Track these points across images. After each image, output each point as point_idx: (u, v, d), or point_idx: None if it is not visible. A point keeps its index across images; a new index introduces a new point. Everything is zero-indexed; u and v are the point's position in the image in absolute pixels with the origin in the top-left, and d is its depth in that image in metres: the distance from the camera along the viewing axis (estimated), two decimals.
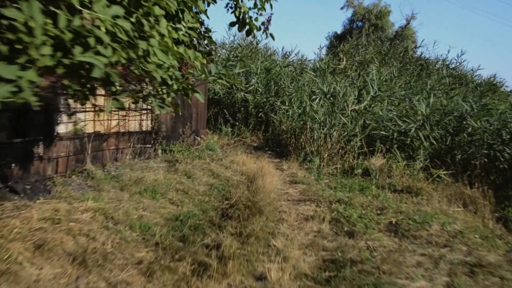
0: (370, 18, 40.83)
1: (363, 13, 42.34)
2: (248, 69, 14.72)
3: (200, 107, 10.50)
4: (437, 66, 19.02)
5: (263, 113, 13.89)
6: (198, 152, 9.06)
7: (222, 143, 12.56)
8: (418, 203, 7.67)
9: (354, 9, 43.08)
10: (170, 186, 6.84)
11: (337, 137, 10.11)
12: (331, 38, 30.76)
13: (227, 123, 14.09)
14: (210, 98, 14.60)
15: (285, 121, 11.98)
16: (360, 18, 42.23)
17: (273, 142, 12.26)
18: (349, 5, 43.44)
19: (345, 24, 42.24)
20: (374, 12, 41.60)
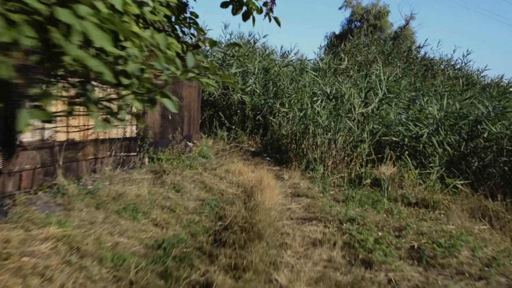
0: (369, 18, 39.95)
1: (361, 13, 41.47)
2: (245, 69, 13.74)
3: (193, 109, 9.51)
4: (442, 67, 18.10)
5: (261, 116, 12.92)
6: (190, 161, 8.06)
7: (217, 149, 11.58)
8: (438, 220, 6.71)
9: (352, 9, 42.18)
10: (154, 203, 5.85)
11: (342, 143, 9.15)
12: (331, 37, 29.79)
13: (223, 126, 13.11)
14: (205, 99, 13.61)
15: (284, 124, 11.01)
16: (358, 18, 41.36)
17: (272, 148, 11.29)
18: (347, 5, 42.53)
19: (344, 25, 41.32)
20: (372, 12, 40.74)
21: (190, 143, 9.43)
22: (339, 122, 9.27)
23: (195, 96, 9.55)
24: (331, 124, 9.51)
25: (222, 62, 14.55)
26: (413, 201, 7.71)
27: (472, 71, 17.96)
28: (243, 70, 13.77)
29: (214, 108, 13.76)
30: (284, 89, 12.88)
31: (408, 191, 8.03)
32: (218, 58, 14.73)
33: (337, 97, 12.11)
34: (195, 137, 9.74)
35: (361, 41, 18.58)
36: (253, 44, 16.61)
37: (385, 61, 16.40)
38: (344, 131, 9.17)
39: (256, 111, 12.95)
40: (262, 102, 12.99)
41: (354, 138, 9.15)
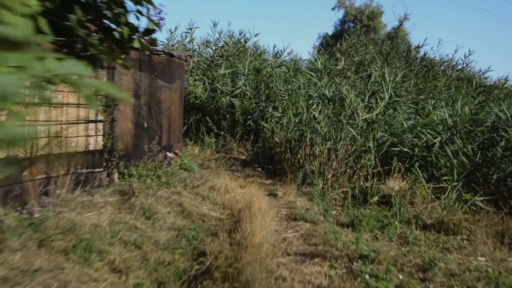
0: (362, 19, 38.96)
1: (354, 14, 40.50)
2: (235, 70, 12.50)
3: (174, 115, 8.25)
4: (442, 68, 16.99)
5: (252, 121, 11.69)
6: (167, 176, 6.80)
7: (203, 158, 10.32)
8: (462, 249, 5.54)
9: (345, 10, 41.21)
10: (116, 236, 4.59)
11: (344, 153, 7.94)
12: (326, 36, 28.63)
13: (211, 132, 11.86)
14: (191, 102, 12.35)
15: (278, 131, 9.78)
16: (351, 19, 40.38)
17: (264, 157, 10.06)
18: (340, 6, 41.54)
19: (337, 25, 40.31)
20: (366, 13, 39.78)
21: (171, 154, 8.18)
22: (340, 130, 8.05)
23: (176, 100, 8.29)
24: (331, 131, 8.30)
25: (210, 63, 13.30)
26: (428, 222, 6.53)
27: (474, 72, 16.86)
28: (232, 71, 12.53)
29: (202, 112, 12.51)
30: (277, 91, 11.66)
31: (422, 209, 6.85)
32: (205, 58, 13.47)
33: (335, 100, 10.94)
34: (176, 147, 8.48)
35: (358, 41, 17.40)
36: (244, 44, 15.37)
37: (384, 61, 15.25)
38: (345, 139, 7.96)
39: (246, 115, 11.72)
40: (253, 105, 11.77)
41: (357, 148, 7.94)
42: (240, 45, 15.35)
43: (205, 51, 14.80)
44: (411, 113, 8.86)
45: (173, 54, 7.96)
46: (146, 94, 7.18)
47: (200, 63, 13.03)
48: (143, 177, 6.45)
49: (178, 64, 8.28)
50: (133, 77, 6.83)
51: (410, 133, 8.00)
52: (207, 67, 13.14)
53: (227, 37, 15.58)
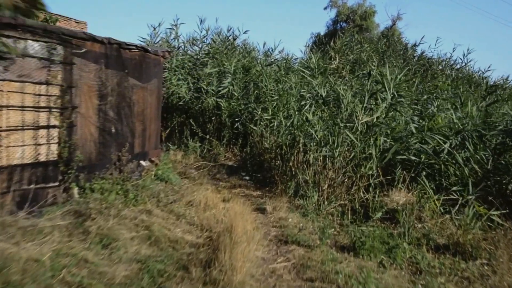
0: (355, 18, 38.22)
1: (347, 13, 39.77)
2: (222, 69, 11.50)
3: (149, 118, 7.23)
4: (440, 67, 16.11)
5: (240, 124, 10.69)
6: (137, 190, 5.76)
7: (186, 165, 9.32)
8: (484, 278, 4.60)
9: (338, 9, 40.44)
10: (57, 276, 3.57)
11: (341, 161, 6.97)
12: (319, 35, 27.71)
13: (195, 136, 10.85)
14: (174, 103, 11.33)
15: (267, 135, 8.80)
16: (344, 18, 39.65)
17: (252, 163, 9.06)
18: (332, 5, 40.75)
19: (329, 25, 39.53)
20: (358, 13, 39.07)
21: (145, 163, 7.16)
22: (337, 134, 7.07)
23: (152, 101, 7.27)
24: (327, 136, 7.32)
25: (196, 61, 12.28)
26: (441, 242, 5.59)
27: (473, 71, 16.00)
28: (219, 70, 11.52)
29: (186, 114, 11.48)
30: (267, 91, 10.67)
31: (432, 226, 5.91)
32: (190, 56, 12.45)
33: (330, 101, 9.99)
34: (153, 154, 7.45)
35: (352, 39, 16.45)
36: (232, 41, 14.35)
37: (380, 60, 14.31)
38: (343, 145, 6.98)
39: (234, 117, 10.72)
40: (241, 107, 10.77)
41: (357, 155, 6.97)
42: (228, 43, 14.34)
43: (191, 49, 13.78)
44: (414, 115, 7.90)
45: (147, 49, 6.94)
46: (114, 95, 6.16)
47: (185, 61, 12.01)
48: (107, 192, 5.42)
49: (154, 61, 7.26)
50: (97, 75, 5.80)
51: (416, 138, 7.05)
52: (192, 65, 12.12)
53: (215, 34, 14.57)
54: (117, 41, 6.19)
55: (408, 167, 6.97)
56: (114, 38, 6.15)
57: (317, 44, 19.19)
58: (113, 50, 6.12)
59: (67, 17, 24.85)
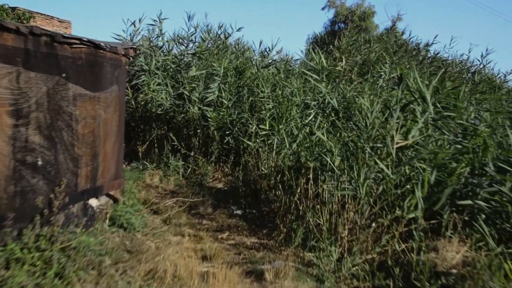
0: (354, 19, 36.32)
1: (345, 14, 37.89)
2: (210, 71, 9.47)
3: (103, 137, 5.18)
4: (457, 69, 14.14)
5: (231, 137, 8.67)
6: (68, 257, 3.70)
7: (163, 190, 7.30)
8: None
9: (336, 10, 38.54)
10: None
11: (367, 199, 4.96)
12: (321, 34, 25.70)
13: (178, 152, 8.82)
14: (152, 112, 9.28)
15: (265, 155, 6.78)
16: (342, 19, 37.78)
17: (246, 191, 7.03)
18: (330, 6, 38.86)
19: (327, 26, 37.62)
20: (357, 13, 37.21)
21: (98, 201, 5.11)
22: (360, 162, 5.05)
23: (109, 115, 5.23)
24: (345, 163, 5.29)
25: (180, 61, 10.24)
26: None
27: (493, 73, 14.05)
28: (207, 72, 9.49)
29: (167, 125, 9.44)
30: (264, 98, 8.65)
31: None
32: (174, 55, 10.39)
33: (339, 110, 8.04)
34: (111, 186, 5.40)
35: (359, 38, 14.43)
36: (224, 40, 12.32)
37: (393, 61, 12.32)
38: (369, 178, 4.96)
39: (224, 130, 8.69)
40: (233, 117, 8.74)
41: (388, 190, 4.96)
42: (219, 42, 12.31)
43: (178, 49, 11.72)
44: (457, 133, 5.88)
45: (99, 45, 4.90)
46: (42, 110, 4.11)
47: (167, 62, 9.95)
48: (16, 265, 3.38)
49: (111, 61, 5.23)
50: (11, 81, 3.76)
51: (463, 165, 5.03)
52: (176, 67, 10.08)
53: (204, 32, 12.52)
54: (47, 32, 4.15)
55: (459, 208, 4.96)
56: (42, 28, 4.12)
57: (318, 44, 17.17)
58: (41, 44, 4.08)
59: (49, 15, 22.68)
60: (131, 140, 9.70)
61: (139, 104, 9.27)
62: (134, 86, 9.46)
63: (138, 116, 9.41)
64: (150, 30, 11.54)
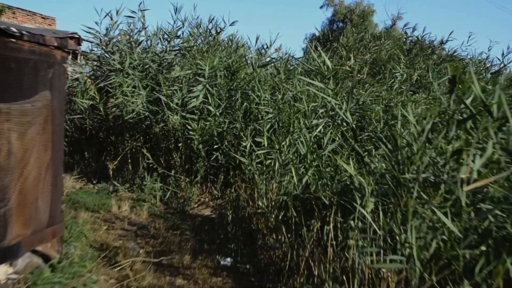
0: (353, 18, 34.61)
1: (344, 12, 36.20)
2: (196, 71, 7.68)
3: (20, 170, 3.40)
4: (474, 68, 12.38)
5: (220, 153, 6.89)
6: None
7: (131, 225, 5.52)
8: None
9: (334, 8, 36.82)
10: None
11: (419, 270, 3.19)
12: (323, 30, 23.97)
13: (155, 171, 7.05)
14: (125, 121, 7.50)
15: (262, 181, 5.00)
16: (341, 18, 36.07)
17: (238, 228, 5.24)
18: (329, 4, 37.14)
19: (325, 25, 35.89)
20: (356, 12, 35.53)
21: (11, 268, 3.32)
22: (405, 207, 3.29)
23: (33, 136, 3.44)
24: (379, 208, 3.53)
25: (162, 60, 8.43)
26: None
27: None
28: (193, 72, 7.71)
29: (144, 136, 7.64)
30: (261, 104, 6.88)
31: None
32: (154, 52, 8.56)
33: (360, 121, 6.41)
34: (40, 239, 3.62)
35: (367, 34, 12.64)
36: (216, 35, 10.53)
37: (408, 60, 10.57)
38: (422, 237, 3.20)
39: (211, 144, 6.90)
40: (222, 127, 6.95)
41: (447, 250, 3.19)
42: (210, 38, 10.53)
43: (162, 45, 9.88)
44: None
45: (6, 31, 3.11)
46: None
47: (146, 60, 8.13)
48: None
49: (35, 56, 3.45)
50: None
51: None
52: (157, 67, 8.26)
53: (193, 27, 10.73)
54: None
55: None
56: None
57: (320, 41, 15.38)
58: None
59: (31, 11, 20.81)
60: (101, 154, 7.90)
61: (109, 111, 7.47)
62: (102, 89, 7.64)
63: (108, 126, 7.61)
64: (131, 24, 9.72)
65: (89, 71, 8.49)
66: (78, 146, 8.04)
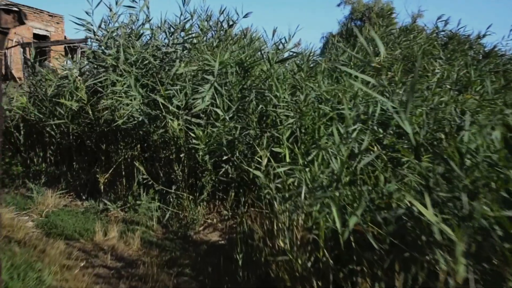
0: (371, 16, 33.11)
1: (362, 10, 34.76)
2: (203, 68, 6.41)
3: None
4: None
5: (231, 165, 5.60)
6: None
7: (114, 261, 4.27)
8: None
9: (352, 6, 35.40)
10: None
11: None
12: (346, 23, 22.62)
13: (151, 187, 5.80)
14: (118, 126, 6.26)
15: (282, 212, 3.68)
16: (359, 16, 34.61)
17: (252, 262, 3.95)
18: (346, 2, 35.73)
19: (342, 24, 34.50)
20: (375, 10, 34.03)
21: None
22: None
23: None
24: None
25: (165, 56, 7.19)
26: None
27: None
28: (198, 69, 6.45)
29: (141, 144, 6.39)
30: (280, 106, 5.59)
31: None
32: (155, 46, 7.32)
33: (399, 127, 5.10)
34: None
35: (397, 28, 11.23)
36: (228, 29, 9.26)
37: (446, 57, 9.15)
38: None
39: (220, 155, 5.61)
40: (234, 134, 5.66)
41: None
42: (221, 32, 9.27)
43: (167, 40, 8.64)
44: None
45: None
46: None
47: (146, 56, 6.89)
48: None
49: None
50: None
51: None
52: (158, 63, 7.03)
53: (203, 20, 9.46)
54: None
55: None
56: None
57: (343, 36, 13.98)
58: None
59: (38, 9, 19.88)
60: (93, 164, 6.69)
61: (99, 115, 6.24)
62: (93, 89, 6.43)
63: (99, 132, 6.39)
64: (132, 15, 8.50)
65: (81, 68, 7.29)
66: (67, 154, 6.85)
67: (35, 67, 7.71)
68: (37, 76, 7.49)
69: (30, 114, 6.84)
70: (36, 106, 6.92)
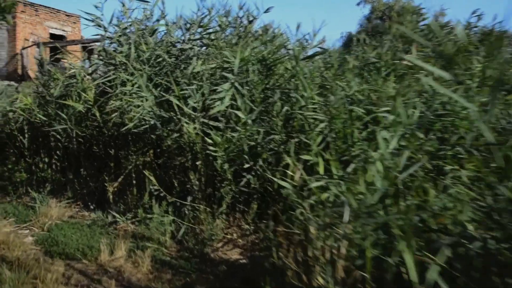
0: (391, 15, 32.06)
1: (382, 9, 33.73)
2: (222, 65, 5.77)
3: None
4: None
5: (253, 174, 4.94)
6: None
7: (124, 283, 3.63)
8: None
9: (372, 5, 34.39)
10: None
11: None
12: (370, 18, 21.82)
13: (165, 198, 5.18)
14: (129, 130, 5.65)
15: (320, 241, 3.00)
16: (379, 15, 33.58)
17: None
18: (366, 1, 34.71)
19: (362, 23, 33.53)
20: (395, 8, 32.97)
21: None
22: None
23: None
24: None
25: (181, 53, 6.58)
26: None
27: None
28: (217, 67, 5.81)
29: (154, 148, 5.78)
30: (308, 109, 4.92)
31: None
32: (169, 42, 6.71)
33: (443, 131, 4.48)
34: None
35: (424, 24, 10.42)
36: (248, 25, 8.59)
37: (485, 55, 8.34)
38: None
39: (239, 162, 4.95)
40: (257, 139, 4.99)
41: None
42: (241, 28, 8.60)
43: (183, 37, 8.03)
44: None
45: None
46: None
47: (158, 52, 6.28)
48: None
49: None
50: None
51: None
52: (174, 61, 6.42)
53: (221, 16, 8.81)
54: None
55: None
56: None
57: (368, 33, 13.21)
58: None
59: (54, 9, 19.55)
60: (102, 171, 6.11)
61: (108, 117, 5.65)
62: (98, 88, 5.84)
63: (108, 136, 5.80)
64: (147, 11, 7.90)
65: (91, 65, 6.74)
66: (74, 160, 6.29)
67: (43, 66, 7.20)
68: (45, 76, 6.98)
69: (35, 116, 6.32)
70: (41, 107, 6.39)
